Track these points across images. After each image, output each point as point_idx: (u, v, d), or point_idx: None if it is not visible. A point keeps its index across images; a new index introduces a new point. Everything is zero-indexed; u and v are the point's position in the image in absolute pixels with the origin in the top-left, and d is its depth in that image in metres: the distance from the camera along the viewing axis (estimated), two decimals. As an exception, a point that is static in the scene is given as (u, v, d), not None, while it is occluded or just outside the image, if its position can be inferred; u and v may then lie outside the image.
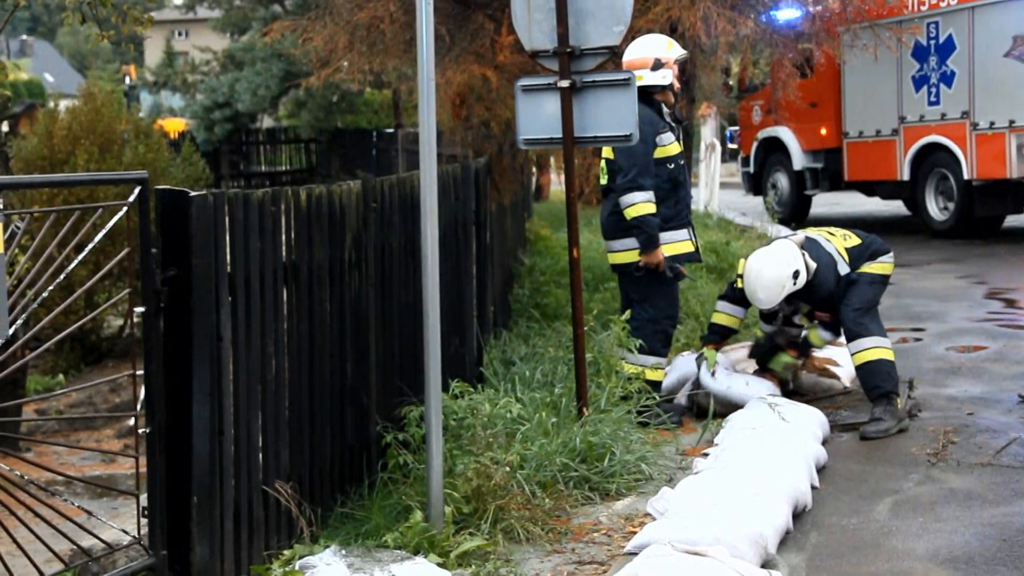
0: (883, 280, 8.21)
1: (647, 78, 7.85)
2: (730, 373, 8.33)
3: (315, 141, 35.98)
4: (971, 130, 16.52)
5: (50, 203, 12.23)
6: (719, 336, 8.58)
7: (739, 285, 8.24)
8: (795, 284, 7.95)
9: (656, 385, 7.91)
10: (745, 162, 22.09)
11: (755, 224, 17.71)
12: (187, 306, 4.97)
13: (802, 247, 8.05)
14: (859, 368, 7.94)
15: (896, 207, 20.68)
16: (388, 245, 6.71)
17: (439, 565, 5.25)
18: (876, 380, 7.79)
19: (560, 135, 7.15)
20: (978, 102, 16.41)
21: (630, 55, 8.03)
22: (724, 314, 8.56)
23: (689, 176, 8.79)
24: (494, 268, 9.32)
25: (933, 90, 17.22)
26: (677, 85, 8.15)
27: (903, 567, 5.45)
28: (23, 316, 4.56)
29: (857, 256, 8.11)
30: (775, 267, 7.99)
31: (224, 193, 5.25)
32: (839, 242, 8.17)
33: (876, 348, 7.86)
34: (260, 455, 5.52)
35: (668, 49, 8.02)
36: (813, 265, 7.99)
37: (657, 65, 7.94)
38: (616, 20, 7.02)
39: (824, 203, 22.78)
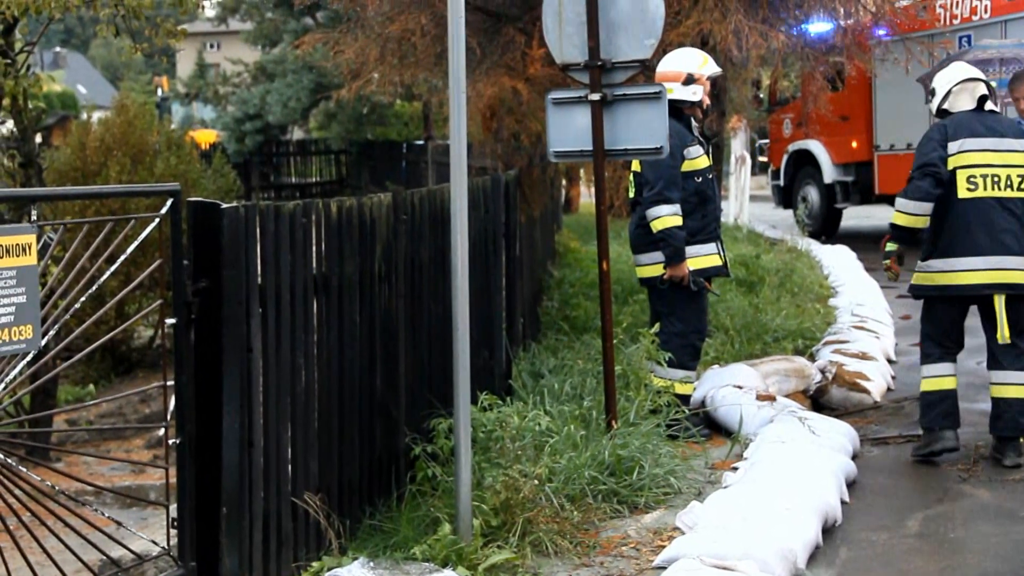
0: None
1: (677, 92, 7.82)
2: (735, 392, 8.21)
3: (345, 153, 36.11)
4: (1003, 144, 16.37)
5: (82, 214, 12.34)
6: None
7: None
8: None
9: (685, 399, 7.88)
10: (775, 175, 22.01)
11: (785, 237, 17.65)
12: (218, 318, 5.00)
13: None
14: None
15: (927, 220, 20.53)
16: (418, 257, 6.72)
17: (467, 578, 5.26)
18: None
19: (590, 148, 7.14)
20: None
21: (663, 67, 8.02)
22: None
23: (719, 189, 8.76)
24: (523, 280, 9.32)
25: (965, 103, 17.08)
26: (707, 102, 8.12)
27: (934, 583, 5.42)
28: (55, 327, 4.59)
29: None
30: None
31: (255, 205, 5.28)
32: None
33: None
34: (289, 466, 5.53)
35: (702, 66, 8.00)
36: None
37: (689, 80, 7.92)
38: (647, 33, 7.02)
39: (855, 216, 22.69)
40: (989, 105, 7.38)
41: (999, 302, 7.13)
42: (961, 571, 5.54)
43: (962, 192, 7.18)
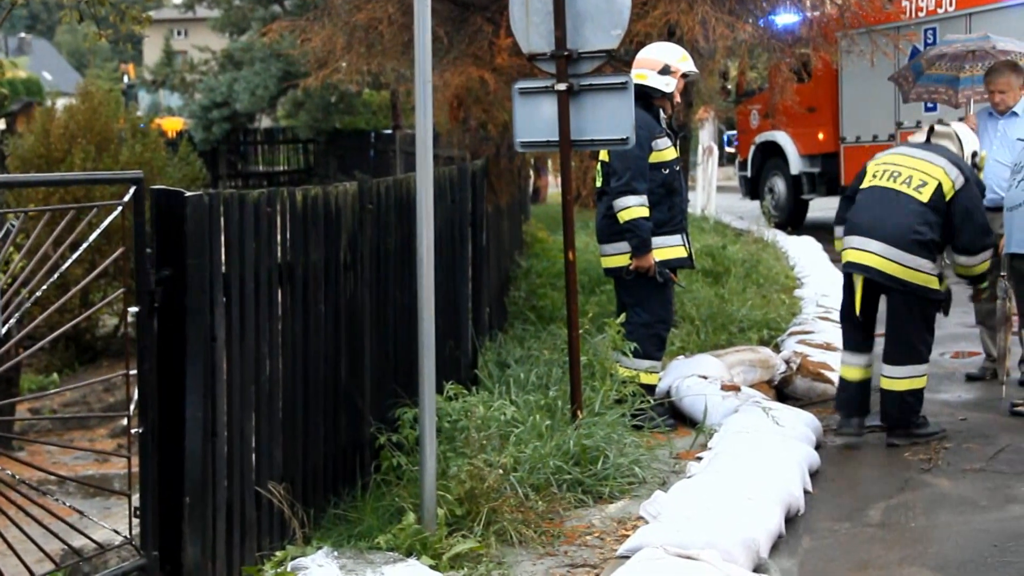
0: None
1: (650, 79, 7.86)
2: (700, 382, 8.22)
3: (313, 142, 35.95)
4: (968, 136, 16.47)
5: (46, 201, 12.23)
6: None
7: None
8: (970, 160, 7.67)
9: (650, 389, 7.90)
10: (742, 166, 22.09)
11: (752, 228, 17.70)
12: (182, 306, 4.97)
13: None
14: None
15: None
16: (384, 246, 6.71)
17: (431, 567, 5.25)
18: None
19: (557, 138, 7.15)
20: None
21: (643, 54, 8.07)
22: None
23: (686, 181, 8.76)
24: (490, 270, 9.32)
25: (930, 96, 17.18)
26: (677, 98, 8.16)
27: (895, 573, 5.46)
28: (17, 314, 4.56)
29: None
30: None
31: (219, 193, 5.25)
32: None
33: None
34: (253, 456, 5.51)
35: (680, 60, 8.02)
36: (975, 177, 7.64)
37: (665, 71, 7.93)
38: (614, 24, 7.02)
39: (821, 208, 22.77)
40: (936, 141, 7.78)
41: (858, 282, 7.47)
42: (921, 560, 5.58)
43: (866, 183, 7.67)
